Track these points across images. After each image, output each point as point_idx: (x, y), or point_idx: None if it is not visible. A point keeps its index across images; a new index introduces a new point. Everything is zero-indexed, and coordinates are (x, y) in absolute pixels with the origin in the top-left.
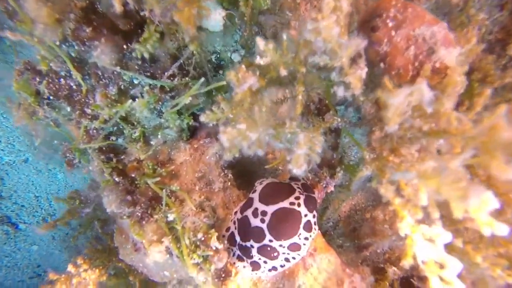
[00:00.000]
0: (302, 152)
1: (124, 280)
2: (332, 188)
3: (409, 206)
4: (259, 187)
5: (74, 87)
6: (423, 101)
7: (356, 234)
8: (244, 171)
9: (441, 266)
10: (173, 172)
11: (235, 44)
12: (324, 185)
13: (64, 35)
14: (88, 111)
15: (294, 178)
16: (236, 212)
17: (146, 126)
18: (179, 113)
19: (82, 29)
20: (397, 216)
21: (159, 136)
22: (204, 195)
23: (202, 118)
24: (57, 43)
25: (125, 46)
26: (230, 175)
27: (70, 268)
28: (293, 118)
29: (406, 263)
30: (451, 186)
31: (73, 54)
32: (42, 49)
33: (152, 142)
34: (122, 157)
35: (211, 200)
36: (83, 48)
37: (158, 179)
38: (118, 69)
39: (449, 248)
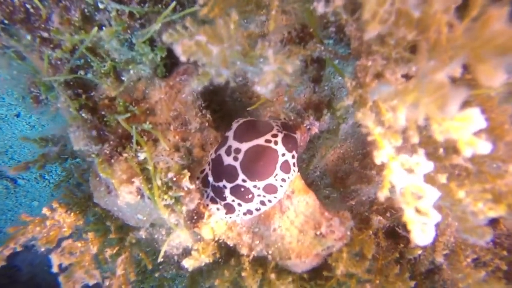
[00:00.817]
0: (269, 69)
1: (102, 226)
2: (317, 130)
3: (388, 134)
4: (235, 125)
5: (32, 10)
6: (409, 2)
7: (343, 183)
8: (226, 116)
9: (419, 197)
10: (147, 112)
11: None
12: (307, 127)
13: None
14: (50, 38)
15: (274, 118)
16: (211, 154)
17: (116, 60)
18: (152, 46)
19: None
20: (376, 147)
21: (131, 72)
22: (179, 135)
23: (164, 37)
24: None
25: None
26: (208, 115)
27: (45, 211)
28: (265, 37)
29: (382, 195)
30: (431, 96)
31: None
32: None
33: (123, 78)
34: (92, 93)
35: (186, 141)
36: None
37: (128, 115)
38: None
39: (431, 183)
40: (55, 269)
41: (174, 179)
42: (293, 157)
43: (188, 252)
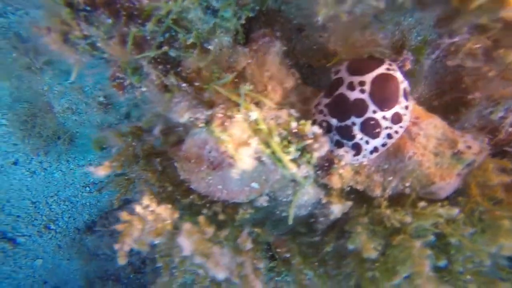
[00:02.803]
0: None
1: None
2: (410, 66)
3: None
4: (342, 67)
5: None
6: None
7: None
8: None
9: None
10: (236, 79)
11: None
12: (400, 64)
13: None
14: (137, 14)
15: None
16: (318, 104)
17: (200, 30)
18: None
19: None
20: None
21: (216, 40)
22: (278, 94)
23: None
24: None
25: None
26: (297, 73)
27: (138, 208)
28: None
29: None
30: None
31: None
32: None
33: (209, 47)
34: (178, 69)
35: (286, 99)
36: None
37: (228, 79)
38: None
39: None
40: (187, 252)
41: (295, 130)
42: (408, 85)
43: (319, 206)
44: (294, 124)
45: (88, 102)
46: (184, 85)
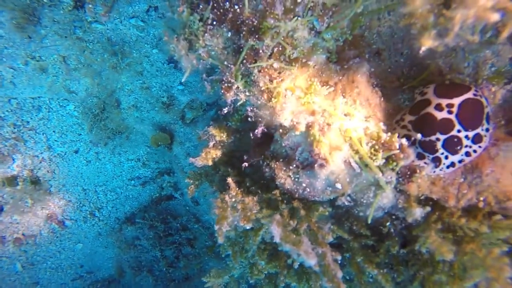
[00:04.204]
0: None
1: (272, 211)
2: (486, 94)
3: None
4: (429, 90)
5: (238, 10)
6: None
7: None
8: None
9: None
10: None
11: None
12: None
13: None
14: (255, 30)
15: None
16: (400, 120)
17: (302, 48)
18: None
19: None
20: None
21: (315, 57)
22: (366, 108)
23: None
24: None
25: None
26: (380, 92)
27: (228, 199)
28: None
29: None
30: None
31: None
32: None
33: (310, 63)
34: (280, 79)
35: (373, 113)
36: None
37: (326, 92)
38: None
39: None
40: (277, 239)
41: (383, 140)
42: (491, 109)
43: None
44: (384, 135)
45: (151, 101)
46: (289, 92)
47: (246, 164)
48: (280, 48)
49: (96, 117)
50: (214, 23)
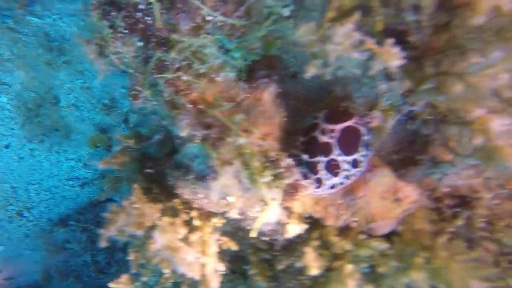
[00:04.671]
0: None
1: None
2: (377, 123)
3: None
4: (321, 114)
5: (150, 21)
6: None
7: None
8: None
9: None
10: (233, 108)
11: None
12: (368, 120)
13: None
14: (163, 43)
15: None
16: (295, 140)
17: (211, 64)
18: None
19: None
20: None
21: (222, 74)
22: (266, 127)
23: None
24: None
25: None
26: (284, 112)
27: (126, 203)
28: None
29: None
30: None
31: None
32: None
33: (218, 79)
34: (187, 92)
35: (273, 131)
36: None
37: (227, 107)
38: (198, 2)
39: None
40: (157, 245)
41: (273, 158)
42: (370, 138)
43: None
44: (272, 154)
45: (93, 102)
46: (189, 106)
47: (150, 170)
48: (189, 62)
49: (30, 112)
50: (126, 31)
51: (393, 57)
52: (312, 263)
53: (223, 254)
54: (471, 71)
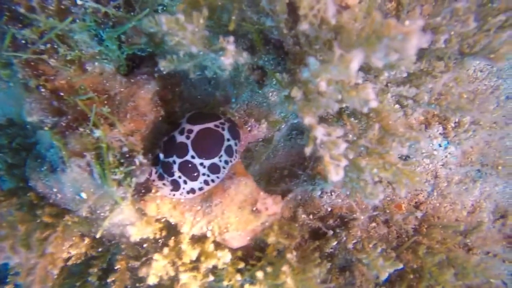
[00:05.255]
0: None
1: (30, 216)
2: (257, 132)
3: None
4: (187, 114)
5: None
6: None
7: (275, 186)
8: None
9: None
10: (105, 101)
11: None
12: (249, 128)
13: None
14: (19, 18)
15: (221, 114)
16: (164, 139)
17: (83, 52)
18: (120, 46)
19: None
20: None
21: (96, 64)
22: (135, 123)
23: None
24: None
25: None
26: (162, 112)
27: None
28: (226, 34)
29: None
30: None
31: None
32: None
33: (88, 68)
34: (52, 77)
35: (141, 129)
36: None
37: (88, 96)
38: None
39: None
40: None
41: (127, 155)
42: (235, 144)
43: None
44: (125, 149)
45: None
46: (42, 90)
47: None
48: (55, 46)
49: None
50: None
51: (227, 53)
52: (155, 271)
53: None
54: (306, 79)
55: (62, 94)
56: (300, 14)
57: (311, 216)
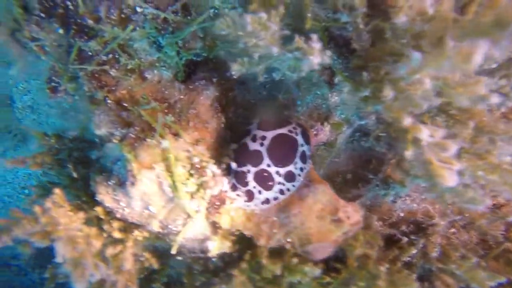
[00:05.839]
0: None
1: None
2: (322, 135)
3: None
4: (256, 120)
5: (71, 7)
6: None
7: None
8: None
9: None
10: (166, 110)
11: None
12: (315, 132)
13: None
14: (85, 31)
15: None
16: (232, 146)
17: (142, 60)
18: (178, 52)
19: None
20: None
21: (155, 71)
22: (198, 131)
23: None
24: None
25: None
26: (223, 118)
27: (36, 209)
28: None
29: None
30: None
31: None
32: None
33: (148, 76)
34: (113, 88)
35: (205, 138)
36: None
37: (151, 106)
38: None
39: None
40: (60, 259)
41: (198, 166)
42: (308, 149)
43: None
44: (196, 160)
45: (51, 104)
46: (109, 101)
47: (75, 174)
48: (117, 56)
49: None
50: (42, 15)
51: (314, 52)
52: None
53: (150, 273)
54: (399, 76)
55: (125, 104)
56: (396, 6)
57: (381, 223)
